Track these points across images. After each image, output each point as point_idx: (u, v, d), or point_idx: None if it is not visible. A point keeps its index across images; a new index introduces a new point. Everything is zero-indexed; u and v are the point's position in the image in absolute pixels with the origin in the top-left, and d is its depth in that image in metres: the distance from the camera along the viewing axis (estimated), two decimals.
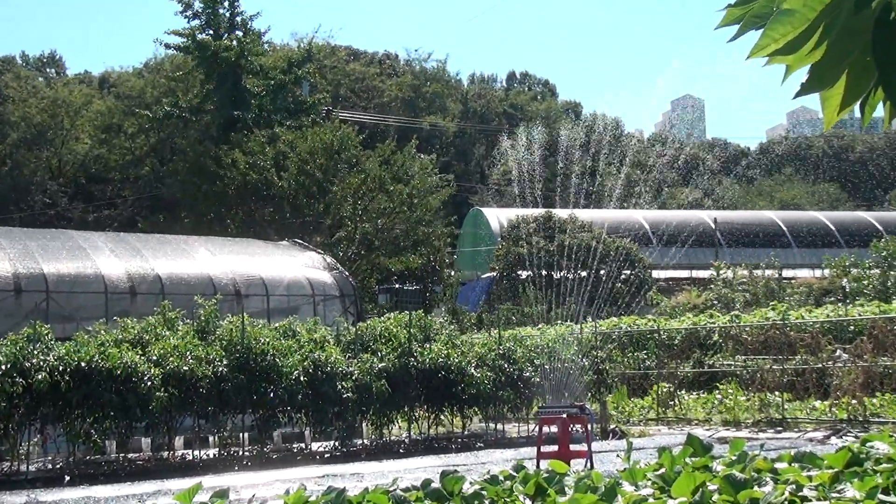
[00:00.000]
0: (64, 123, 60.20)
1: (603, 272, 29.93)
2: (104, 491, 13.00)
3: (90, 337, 15.72)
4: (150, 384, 14.81)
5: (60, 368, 14.32)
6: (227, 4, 48.96)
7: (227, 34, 48.64)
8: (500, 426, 20.03)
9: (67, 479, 14.30)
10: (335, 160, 40.45)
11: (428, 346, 18.71)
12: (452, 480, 3.31)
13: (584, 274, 24.41)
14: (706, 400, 21.47)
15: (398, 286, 47.69)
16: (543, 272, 31.75)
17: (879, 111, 2.40)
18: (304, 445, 17.63)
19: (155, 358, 15.38)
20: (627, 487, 3.25)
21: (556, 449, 12.28)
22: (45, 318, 17.87)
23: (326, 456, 16.96)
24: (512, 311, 33.02)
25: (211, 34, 48.11)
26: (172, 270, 22.36)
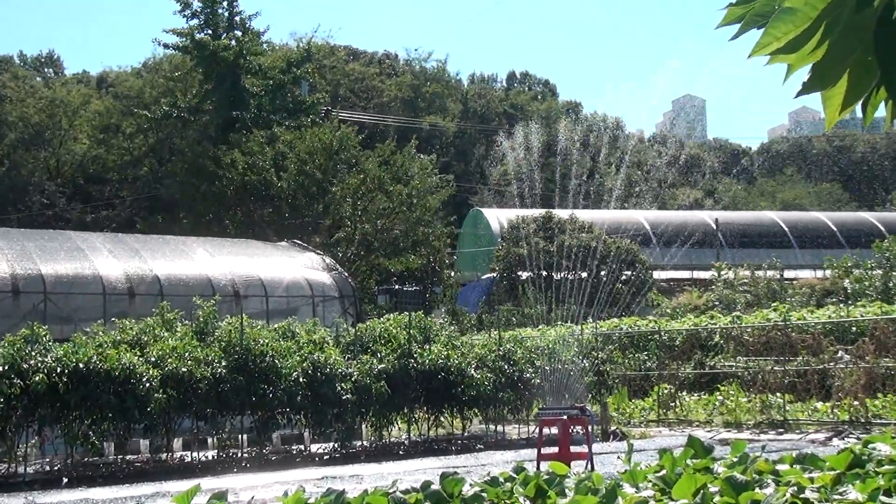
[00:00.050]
0: (62, 123, 60.12)
1: (603, 273, 29.89)
2: (102, 493, 12.98)
3: (88, 338, 15.68)
4: (148, 386, 14.76)
5: (58, 370, 14.29)
6: (225, 4, 48.90)
7: (225, 34, 48.56)
8: (500, 428, 19.97)
9: (65, 480, 14.27)
10: (334, 160, 40.40)
11: (428, 347, 18.65)
12: (452, 482, 3.33)
13: (584, 275, 24.37)
14: (707, 401, 21.43)
15: (398, 287, 47.65)
16: (544, 273, 31.69)
17: (881, 111, 2.42)
18: (303, 447, 17.56)
19: (153, 359, 15.34)
20: (628, 489, 3.27)
21: (556, 451, 12.24)
22: (42, 319, 17.82)
23: (326, 457, 16.91)
24: (512, 312, 32.93)
25: (209, 34, 48.03)
26: (171, 271, 22.31)
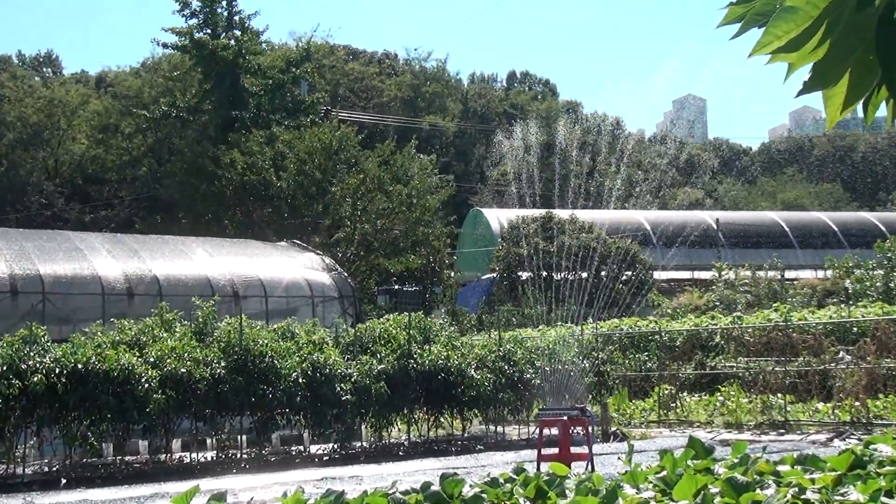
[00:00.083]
0: (60, 123, 60.03)
1: (604, 273, 29.85)
2: (101, 494, 12.97)
3: (87, 339, 15.66)
4: (147, 386, 14.73)
5: (57, 370, 14.26)
6: (224, 3, 48.84)
7: (224, 33, 48.49)
8: (500, 428, 19.92)
9: (64, 482, 14.23)
10: (334, 160, 40.33)
11: (427, 347, 18.60)
12: (452, 483, 3.33)
13: (584, 275, 24.32)
14: (708, 402, 21.38)
15: (397, 287, 47.59)
16: (544, 273, 31.63)
17: (882, 110, 2.42)
18: (302, 448, 17.51)
19: (152, 360, 15.30)
20: (629, 490, 3.27)
21: (556, 451, 12.19)
22: (41, 319, 17.80)
23: (325, 458, 16.86)
24: (512, 312, 32.88)
25: (208, 33, 47.95)
26: (170, 272, 22.26)
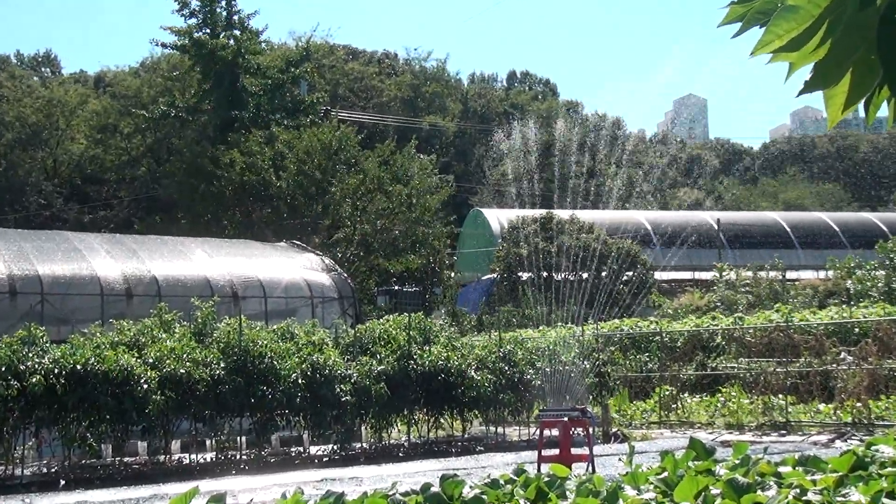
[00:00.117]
0: (59, 123, 59.98)
1: (604, 273, 29.79)
2: (100, 495, 12.95)
3: (86, 339, 15.63)
4: (146, 387, 14.69)
5: (56, 371, 14.22)
6: (224, 3, 48.80)
7: (224, 33, 48.42)
8: (500, 429, 19.88)
9: (63, 483, 14.20)
10: (334, 160, 40.29)
11: (427, 348, 18.56)
12: (452, 484, 3.32)
13: (585, 275, 24.27)
14: (709, 403, 21.34)
15: (397, 288, 47.54)
16: (544, 273, 31.57)
17: (884, 110, 2.40)
18: (302, 449, 17.47)
19: (151, 361, 15.27)
20: (630, 491, 3.27)
21: (557, 452, 12.12)
22: (40, 320, 17.77)
23: (325, 459, 16.81)
24: (512, 312, 32.83)
25: (208, 33, 47.88)
26: (169, 272, 22.21)
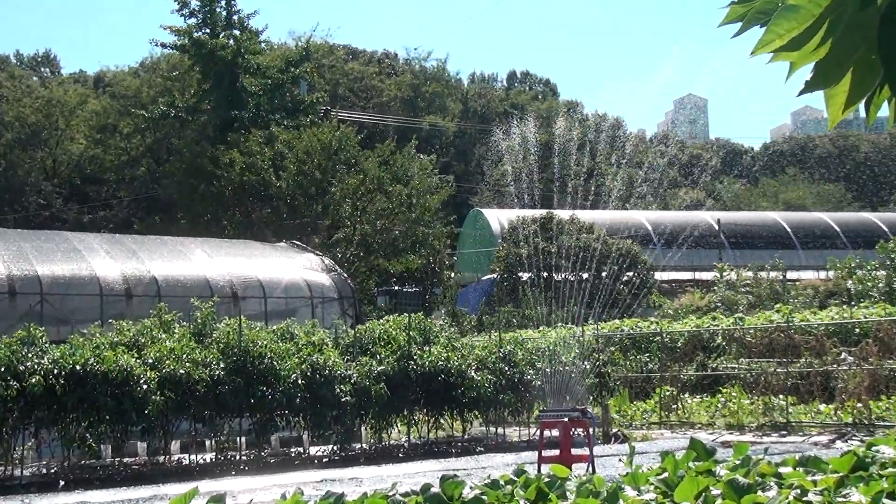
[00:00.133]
0: (59, 123, 59.97)
1: (604, 274, 29.76)
2: (99, 496, 12.94)
3: (85, 340, 15.62)
4: (146, 388, 14.67)
5: (55, 372, 14.20)
6: (223, 3, 48.81)
7: (223, 32, 48.41)
8: (500, 430, 19.87)
9: (62, 483, 14.18)
10: (333, 160, 40.28)
11: (427, 348, 18.54)
12: (452, 485, 3.31)
13: (585, 276, 24.24)
14: (709, 403, 21.32)
15: (397, 288, 47.50)
16: (544, 274, 31.54)
17: (884, 110, 2.39)
18: (302, 449, 17.45)
19: (151, 361, 15.25)
20: (630, 492, 3.27)
21: (557, 453, 12.10)
22: (39, 320, 17.76)
23: (325, 460, 16.79)
24: (512, 313, 32.81)
25: (207, 32, 47.87)
26: (169, 272, 22.19)
